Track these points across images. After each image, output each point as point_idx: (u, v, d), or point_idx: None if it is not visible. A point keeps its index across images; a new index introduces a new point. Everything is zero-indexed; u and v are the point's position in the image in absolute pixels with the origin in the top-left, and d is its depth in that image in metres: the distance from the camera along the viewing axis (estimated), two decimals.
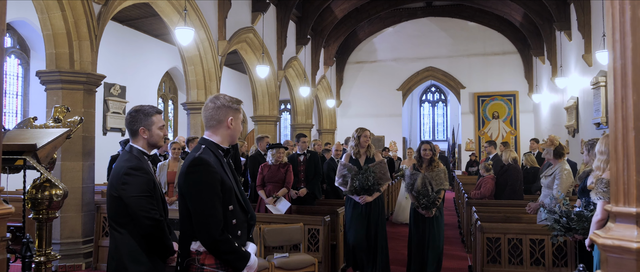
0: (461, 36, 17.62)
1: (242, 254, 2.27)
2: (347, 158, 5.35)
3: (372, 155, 5.34)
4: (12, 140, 2.96)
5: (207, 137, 2.39)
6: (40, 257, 2.95)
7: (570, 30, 11.36)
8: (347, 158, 5.35)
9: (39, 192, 2.91)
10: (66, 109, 3.40)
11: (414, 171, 5.30)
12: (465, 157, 17.13)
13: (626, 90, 1.52)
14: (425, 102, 25.46)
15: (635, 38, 1.51)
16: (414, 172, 5.28)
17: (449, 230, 9.25)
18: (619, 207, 1.55)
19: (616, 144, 1.56)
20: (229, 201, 2.28)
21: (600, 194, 3.16)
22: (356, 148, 5.32)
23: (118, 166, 2.62)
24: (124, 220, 2.55)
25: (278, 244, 5.30)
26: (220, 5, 10.19)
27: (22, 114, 9.98)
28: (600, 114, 8.74)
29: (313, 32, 15.43)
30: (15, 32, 9.87)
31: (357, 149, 5.32)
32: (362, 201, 5.16)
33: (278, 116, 13.58)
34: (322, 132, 18.08)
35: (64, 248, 6.17)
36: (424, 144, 5.33)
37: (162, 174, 5.84)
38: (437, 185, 5.15)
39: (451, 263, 6.63)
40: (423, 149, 5.32)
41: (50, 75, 6.33)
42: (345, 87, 18.97)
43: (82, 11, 6.39)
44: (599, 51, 8.70)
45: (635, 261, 1.47)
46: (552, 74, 13.22)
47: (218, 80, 9.98)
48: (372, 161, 5.25)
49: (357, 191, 5.16)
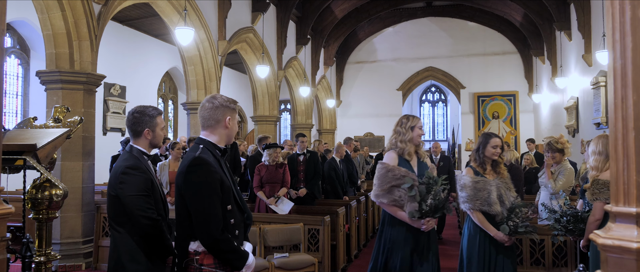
0: (461, 36, 17.62)
1: (242, 253, 2.28)
2: (394, 159, 3.51)
3: (423, 158, 3.66)
4: (12, 140, 2.96)
5: (204, 137, 2.38)
6: (40, 257, 2.95)
7: (570, 30, 11.36)
8: (394, 159, 3.51)
9: (39, 192, 2.91)
10: (66, 109, 3.39)
11: (479, 177, 3.56)
12: (465, 157, 17.13)
13: (626, 90, 1.52)
14: (425, 102, 25.45)
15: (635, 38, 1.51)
16: (480, 180, 3.53)
17: (449, 230, 9.26)
18: (619, 207, 1.55)
19: (616, 144, 1.56)
20: (228, 200, 2.29)
21: (596, 195, 3.15)
22: (406, 145, 3.54)
23: (117, 166, 2.63)
24: (123, 219, 2.55)
25: (278, 244, 5.30)
26: (220, 5, 10.19)
27: (22, 114, 9.98)
28: (600, 114, 8.75)
29: (313, 32, 15.43)
30: (15, 32, 9.87)
31: (407, 146, 3.53)
32: (428, 226, 3.39)
33: (278, 116, 13.58)
34: (322, 132, 18.08)
35: (64, 248, 6.17)
36: (495, 138, 3.64)
37: (163, 174, 5.84)
38: (512, 196, 3.59)
39: (451, 263, 6.63)
40: (494, 145, 3.60)
41: (50, 75, 6.33)
42: (345, 87, 18.97)
43: (82, 11, 6.39)
44: (599, 51, 8.70)
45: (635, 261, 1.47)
46: (552, 74, 13.22)
47: (218, 81, 9.98)
48: (424, 166, 3.59)
49: (427, 212, 3.34)
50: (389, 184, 3.38)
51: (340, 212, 6.02)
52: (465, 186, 3.53)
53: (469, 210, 3.52)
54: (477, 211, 3.50)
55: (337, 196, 7.67)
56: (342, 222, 6.14)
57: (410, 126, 3.57)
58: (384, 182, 3.39)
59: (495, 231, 3.47)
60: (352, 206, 6.76)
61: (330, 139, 17.79)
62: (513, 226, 3.44)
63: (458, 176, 3.63)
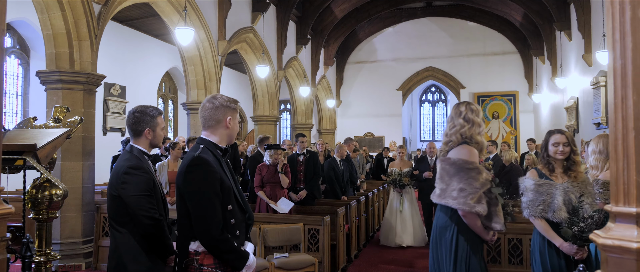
0: (461, 36, 17.62)
1: (242, 254, 2.27)
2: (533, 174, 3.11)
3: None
4: (12, 140, 2.95)
5: (205, 136, 2.38)
6: (40, 257, 2.95)
7: (570, 30, 11.36)
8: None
9: (39, 192, 2.90)
10: (66, 109, 3.39)
11: (543, 180, 3.10)
12: None
13: (626, 90, 1.52)
14: (425, 102, 25.45)
15: (635, 38, 1.51)
16: (544, 182, 3.08)
17: None
18: (619, 207, 1.55)
19: (616, 144, 1.56)
20: (228, 200, 2.29)
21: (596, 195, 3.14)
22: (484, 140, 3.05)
23: (118, 166, 2.63)
24: (124, 219, 2.55)
25: (278, 244, 5.30)
26: (220, 5, 10.19)
27: (22, 114, 9.98)
28: (600, 114, 8.74)
29: (313, 32, 15.43)
30: (15, 32, 9.87)
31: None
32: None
33: (278, 116, 13.58)
34: (322, 132, 18.08)
35: (64, 248, 6.17)
36: (556, 135, 3.15)
37: (162, 174, 5.84)
38: (592, 202, 3.01)
39: None
40: (554, 143, 3.12)
41: (50, 75, 6.33)
42: (345, 87, 18.97)
43: (82, 11, 6.39)
44: (599, 51, 8.70)
45: (635, 261, 1.47)
46: (552, 74, 13.22)
47: (218, 81, 9.98)
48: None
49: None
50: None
51: (340, 212, 6.02)
52: (527, 190, 3.10)
53: (530, 217, 3.06)
54: (539, 218, 3.02)
55: (336, 196, 7.66)
56: (342, 222, 6.14)
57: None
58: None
59: (560, 240, 2.96)
60: (352, 206, 6.76)
61: (330, 139, 17.79)
62: (578, 231, 2.84)
63: (520, 179, 3.23)
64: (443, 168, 2.93)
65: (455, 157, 2.89)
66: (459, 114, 3.01)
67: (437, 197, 2.93)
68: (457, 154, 2.89)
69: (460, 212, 2.82)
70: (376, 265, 6.61)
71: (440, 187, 2.91)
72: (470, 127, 2.96)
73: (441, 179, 2.92)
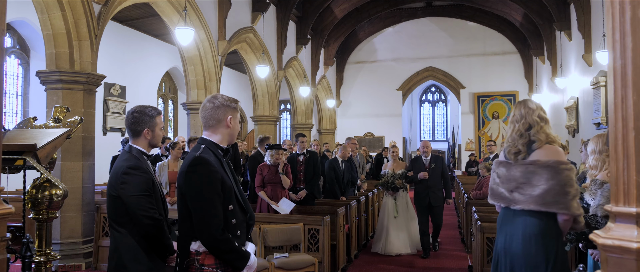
0: (461, 36, 17.63)
1: (243, 254, 2.27)
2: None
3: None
4: (12, 140, 2.95)
5: (206, 136, 2.38)
6: (40, 257, 2.95)
7: (570, 30, 11.36)
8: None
9: (39, 192, 2.90)
10: (66, 109, 3.39)
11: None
12: (465, 157, 17.13)
13: (626, 90, 1.52)
14: (425, 102, 25.46)
15: (635, 38, 1.51)
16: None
17: (449, 230, 9.26)
18: (619, 207, 1.55)
19: (616, 144, 1.56)
20: (229, 200, 2.28)
21: (594, 195, 3.13)
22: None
23: (117, 166, 2.63)
24: (124, 219, 2.55)
25: (278, 244, 5.30)
26: (220, 5, 10.19)
27: (22, 114, 9.98)
28: (600, 114, 8.74)
29: (313, 32, 15.43)
30: (15, 32, 9.87)
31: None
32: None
33: (278, 116, 13.59)
34: (322, 132, 18.09)
35: (64, 248, 6.17)
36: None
37: (162, 174, 5.84)
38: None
39: (451, 263, 6.64)
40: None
41: (50, 75, 6.33)
42: (345, 87, 18.98)
43: (82, 11, 6.39)
44: (599, 51, 8.70)
45: (635, 261, 1.47)
46: (552, 74, 13.22)
47: (218, 81, 9.98)
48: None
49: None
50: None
51: (340, 212, 6.02)
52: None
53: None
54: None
55: (335, 196, 7.66)
56: (342, 222, 6.14)
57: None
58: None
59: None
60: (352, 206, 6.77)
61: (330, 139, 17.80)
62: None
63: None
64: (532, 171, 2.68)
65: (547, 159, 2.68)
66: (531, 112, 2.87)
67: (534, 204, 2.63)
68: (548, 155, 2.69)
69: (565, 217, 2.61)
70: (376, 265, 6.61)
71: (530, 193, 2.65)
72: (545, 125, 2.85)
73: (528, 184, 2.67)
